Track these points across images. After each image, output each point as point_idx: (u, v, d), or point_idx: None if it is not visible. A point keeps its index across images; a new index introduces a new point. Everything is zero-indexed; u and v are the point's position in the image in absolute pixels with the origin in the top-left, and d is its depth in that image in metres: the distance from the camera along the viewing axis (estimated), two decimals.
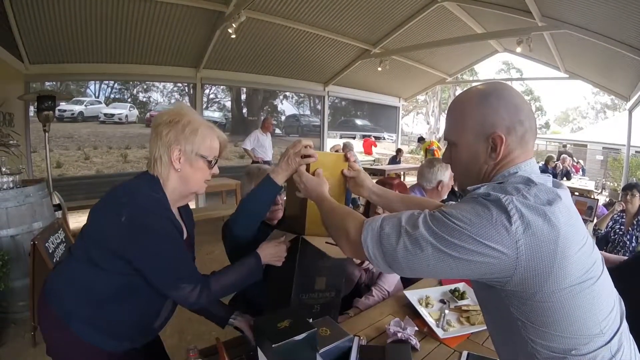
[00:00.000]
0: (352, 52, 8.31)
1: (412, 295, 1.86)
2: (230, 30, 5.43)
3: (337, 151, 1.52)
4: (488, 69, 33.38)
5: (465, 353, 1.43)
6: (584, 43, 5.93)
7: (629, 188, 3.70)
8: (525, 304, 0.79)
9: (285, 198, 1.80)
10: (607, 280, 0.86)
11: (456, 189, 3.38)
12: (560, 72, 8.61)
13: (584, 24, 5.25)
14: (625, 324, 0.86)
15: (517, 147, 0.88)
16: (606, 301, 0.82)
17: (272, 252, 1.40)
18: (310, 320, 1.23)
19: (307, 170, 1.34)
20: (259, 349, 1.09)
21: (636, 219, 3.58)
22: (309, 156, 1.34)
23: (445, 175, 2.77)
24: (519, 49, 6.21)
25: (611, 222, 3.82)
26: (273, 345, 1.00)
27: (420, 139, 12.95)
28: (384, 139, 16.97)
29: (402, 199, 1.37)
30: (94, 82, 8.87)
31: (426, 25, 7.52)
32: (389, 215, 0.89)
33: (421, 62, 9.45)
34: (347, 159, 1.45)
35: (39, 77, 6.02)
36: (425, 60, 9.40)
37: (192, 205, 5.67)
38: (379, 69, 8.10)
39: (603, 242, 3.79)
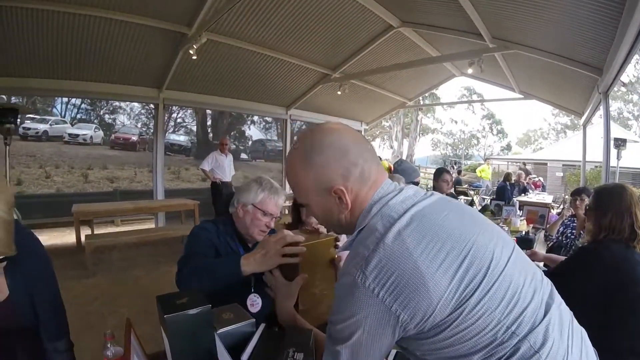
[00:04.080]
0: (313, 77, 8.43)
1: None
2: (191, 52, 5.45)
3: None
4: (450, 94, 34.60)
5: (393, 352, 1.37)
6: (535, 62, 6.17)
7: (577, 193, 3.81)
8: (424, 344, 0.81)
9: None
10: (514, 271, 0.83)
11: None
12: (515, 93, 8.91)
13: (533, 43, 5.48)
14: (554, 315, 0.82)
15: (361, 187, 0.90)
16: (512, 297, 0.79)
17: None
18: None
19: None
20: (161, 327, 1.08)
21: (587, 223, 3.67)
22: (294, 255, 1.24)
23: None
24: (470, 70, 6.47)
25: (562, 228, 3.92)
26: (165, 316, 1.01)
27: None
28: None
29: None
30: (60, 102, 8.80)
31: (384, 51, 7.70)
32: (325, 355, 0.89)
33: (381, 87, 9.64)
34: (336, 245, 1.38)
35: (3, 90, 6.00)
36: (385, 84, 9.61)
37: (151, 225, 5.59)
38: (339, 92, 8.24)
39: (557, 248, 3.87)
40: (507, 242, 0.89)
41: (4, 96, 6.57)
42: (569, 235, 3.80)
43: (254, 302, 1.64)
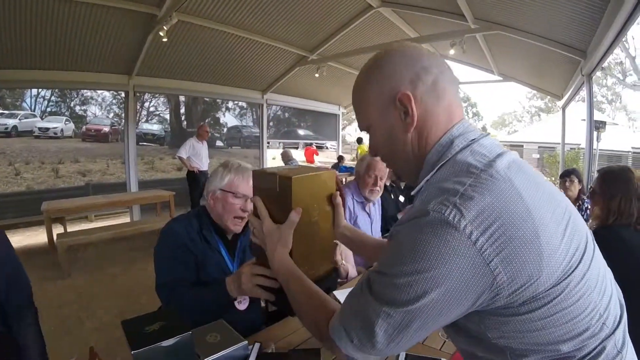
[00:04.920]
0: (290, 59, 8.21)
1: (342, 295, 1.70)
2: (161, 34, 5.21)
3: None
4: None
5: (403, 353, 1.33)
6: (516, 44, 6.11)
7: (566, 175, 3.81)
8: (508, 323, 0.63)
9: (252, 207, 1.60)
10: (600, 260, 0.70)
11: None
12: (494, 75, 8.86)
13: (517, 24, 5.40)
14: (626, 315, 0.71)
15: (433, 102, 0.73)
16: (602, 281, 0.67)
17: None
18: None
19: (289, 188, 0.91)
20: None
21: (577, 204, 3.68)
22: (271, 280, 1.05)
23: None
24: (452, 52, 6.35)
25: None
26: (133, 352, 0.80)
27: (359, 140, 13.25)
28: (327, 148, 17.36)
29: (381, 248, 1.06)
30: (30, 95, 8.48)
31: (362, 32, 7.54)
32: (345, 317, 0.70)
33: (359, 70, 9.48)
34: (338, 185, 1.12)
35: None
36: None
37: (126, 219, 5.40)
38: (316, 75, 8.05)
39: None
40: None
41: None
42: None
43: (242, 299, 1.55)
